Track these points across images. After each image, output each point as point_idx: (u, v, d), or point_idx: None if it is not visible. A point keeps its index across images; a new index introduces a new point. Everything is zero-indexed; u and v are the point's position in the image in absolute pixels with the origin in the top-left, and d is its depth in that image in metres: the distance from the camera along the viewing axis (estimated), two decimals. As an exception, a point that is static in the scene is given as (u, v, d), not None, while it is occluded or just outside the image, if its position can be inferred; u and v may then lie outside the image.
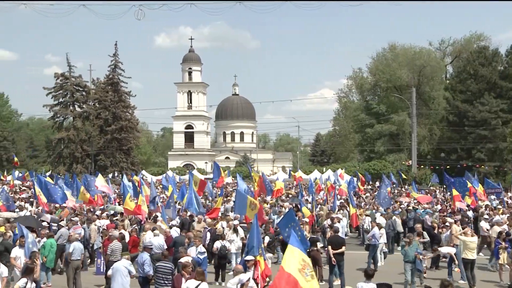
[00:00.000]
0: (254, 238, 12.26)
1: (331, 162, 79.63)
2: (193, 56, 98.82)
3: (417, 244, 15.47)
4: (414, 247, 14.75)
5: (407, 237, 15.73)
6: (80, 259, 14.75)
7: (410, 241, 14.94)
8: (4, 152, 78.91)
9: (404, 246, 14.98)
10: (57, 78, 58.66)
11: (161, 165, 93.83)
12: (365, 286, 10.76)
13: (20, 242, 13.76)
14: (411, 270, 14.49)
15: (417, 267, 14.73)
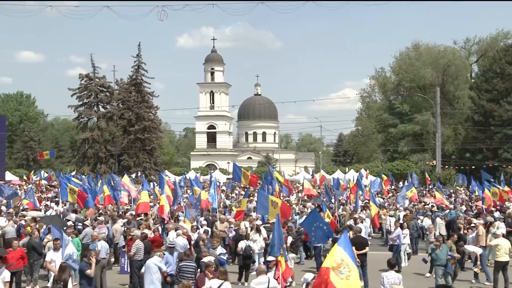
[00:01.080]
0: (275, 238, 12.24)
1: (354, 162, 79.13)
2: (215, 57, 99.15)
3: (450, 246, 15.17)
4: (445, 250, 14.46)
5: (436, 239, 15.43)
6: (106, 258, 14.91)
7: (440, 243, 14.66)
8: (30, 152, 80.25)
9: (435, 249, 14.64)
10: (81, 79, 59.42)
11: (184, 165, 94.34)
12: (389, 276, 11.09)
13: (55, 245, 13.43)
14: (443, 273, 14.22)
15: (447, 270, 14.43)
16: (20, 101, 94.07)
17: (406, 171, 50.21)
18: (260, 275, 11.26)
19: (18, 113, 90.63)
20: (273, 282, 11.13)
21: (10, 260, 13.78)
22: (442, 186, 37.36)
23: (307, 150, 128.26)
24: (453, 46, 66.23)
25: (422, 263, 15.80)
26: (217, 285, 10.75)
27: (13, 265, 13.76)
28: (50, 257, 13.28)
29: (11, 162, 77.21)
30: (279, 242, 12.23)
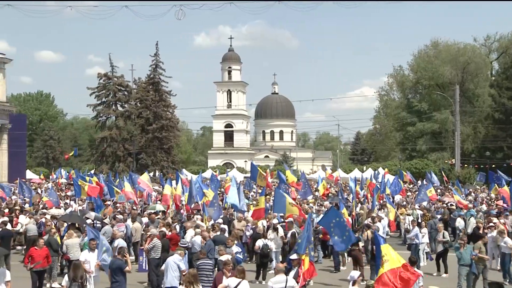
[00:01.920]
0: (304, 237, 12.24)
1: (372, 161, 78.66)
2: (232, 55, 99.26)
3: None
4: (469, 250, 14.26)
5: (460, 239, 15.25)
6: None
7: (464, 243, 14.49)
8: (50, 151, 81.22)
9: (459, 248, 14.43)
10: (100, 78, 59.88)
11: (201, 163, 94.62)
12: None
13: (91, 245, 13.28)
14: (467, 274, 14.04)
15: (472, 270, 14.23)
16: (40, 100, 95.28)
17: (424, 170, 49.77)
18: (278, 274, 11.25)
19: (38, 112, 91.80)
20: (291, 281, 11.11)
21: (37, 259, 13.93)
22: (462, 185, 36.97)
23: (325, 149, 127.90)
24: (473, 44, 65.39)
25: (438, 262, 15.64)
26: (235, 283, 10.76)
27: (39, 263, 13.93)
28: (84, 257, 13.11)
29: (31, 160, 78.24)
30: (307, 241, 12.22)
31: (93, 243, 13.20)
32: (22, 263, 18.67)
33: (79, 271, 11.77)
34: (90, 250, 13.21)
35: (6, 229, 17.30)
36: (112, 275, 12.22)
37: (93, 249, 13.12)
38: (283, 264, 12.70)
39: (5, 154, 53.15)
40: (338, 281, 16.30)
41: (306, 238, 12.18)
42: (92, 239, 13.30)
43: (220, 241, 15.60)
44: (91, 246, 13.20)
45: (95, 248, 13.13)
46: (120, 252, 12.79)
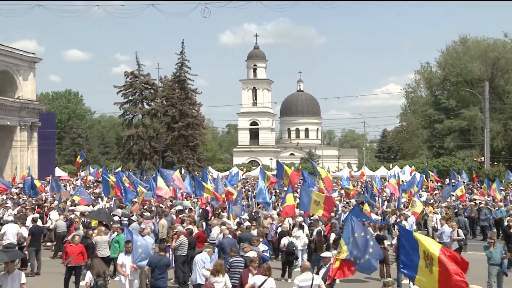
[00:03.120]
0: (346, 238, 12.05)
1: (398, 159, 77.91)
2: (258, 53, 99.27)
3: None
4: (499, 249, 14.00)
5: (490, 237, 15.00)
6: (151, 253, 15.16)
7: (494, 242, 14.25)
8: (78, 149, 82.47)
9: (489, 247, 14.15)
10: (127, 77, 60.41)
11: (226, 161, 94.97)
12: None
13: (127, 248, 12.90)
14: (497, 273, 13.80)
15: (503, 270, 13.97)
16: (69, 99, 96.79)
17: (452, 168, 49.09)
18: (304, 272, 11.21)
19: (67, 111, 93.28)
20: (317, 279, 11.07)
21: (71, 255, 14.15)
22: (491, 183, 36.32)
23: (350, 147, 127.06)
24: (504, 39, 64.06)
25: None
26: (261, 281, 10.76)
27: (73, 259, 14.12)
28: (121, 260, 12.72)
29: (60, 158, 79.53)
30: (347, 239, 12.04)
31: (128, 246, 12.80)
32: (52, 258, 19.06)
33: (100, 266, 11.92)
34: (126, 253, 12.79)
35: (36, 225, 17.61)
36: (155, 271, 12.19)
37: (129, 252, 12.73)
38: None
39: (35, 152, 54.19)
40: (365, 279, 16.20)
41: (347, 240, 11.93)
42: (128, 241, 12.89)
43: (247, 238, 15.63)
44: (127, 248, 12.81)
45: (130, 250, 12.76)
46: (163, 249, 12.95)
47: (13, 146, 52.24)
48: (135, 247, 12.50)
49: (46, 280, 16.27)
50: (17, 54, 52.44)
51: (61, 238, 19.25)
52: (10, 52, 51.49)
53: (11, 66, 51.55)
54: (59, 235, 19.29)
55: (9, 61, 51.14)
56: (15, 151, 52.34)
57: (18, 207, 22.53)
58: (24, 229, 17.35)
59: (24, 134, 52.99)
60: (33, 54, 55.84)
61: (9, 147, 51.96)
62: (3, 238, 16.72)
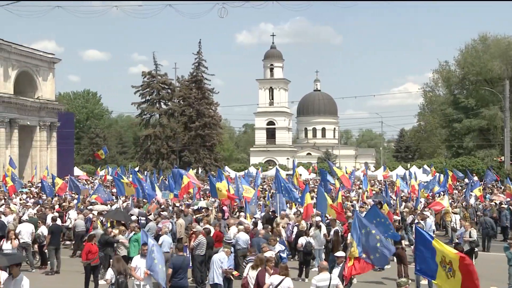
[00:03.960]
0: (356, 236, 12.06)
1: (416, 158, 77.28)
2: (274, 53, 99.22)
3: None
4: None
5: (510, 238, 14.78)
6: (169, 252, 15.21)
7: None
8: (96, 148, 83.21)
9: (509, 248, 13.98)
10: (144, 77, 60.87)
11: (243, 161, 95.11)
12: None
13: (142, 251, 12.32)
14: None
15: None
16: (87, 99, 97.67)
17: (471, 168, 48.57)
18: (322, 272, 11.17)
19: (85, 111, 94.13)
20: (335, 279, 11.02)
21: (95, 254, 14.27)
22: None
23: (368, 146, 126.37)
24: (525, 38, 63.18)
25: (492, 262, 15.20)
26: (278, 281, 10.74)
27: (96, 259, 14.25)
28: (135, 263, 12.17)
29: (79, 158, 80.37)
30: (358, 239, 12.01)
31: (144, 249, 12.24)
32: (71, 257, 19.25)
33: (121, 264, 11.99)
34: (142, 256, 12.25)
35: (56, 224, 17.80)
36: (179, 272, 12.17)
37: (145, 255, 12.20)
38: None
39: (54, 151, 54.77)
40: (382, 279, 16.10)
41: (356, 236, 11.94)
42: (145, 244, 12.34)
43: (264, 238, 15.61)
44: (143, 251, 12.28)
45: (146, 254, 12.23)
46: (181, 249, 13.00)
47: (33, 146, 52.86)
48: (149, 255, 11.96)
49: (65, 278, 16.44)
50: (37, 54, 53.06)
51: (79, 237, 19.42)
52: (30, 53, 52.12)
53: (31, 67, 52.17)
54: (78, 234, 19.47)
55: (29, 62, 51.77)
56: (34, 150, 52.96)
57: (38, 206, 22.79)
58: (44, 228, 17.54)
59: (44, 134, 53.59)
60: (52, 54, 56.42)
61: (29, 146, 52.59)
62: (18, 237, 16.91)
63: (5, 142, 47.89)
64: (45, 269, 17.35)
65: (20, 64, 50.56)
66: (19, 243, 16.80)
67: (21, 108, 50.27)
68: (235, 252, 15.05)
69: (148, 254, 11.87)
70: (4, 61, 47.98)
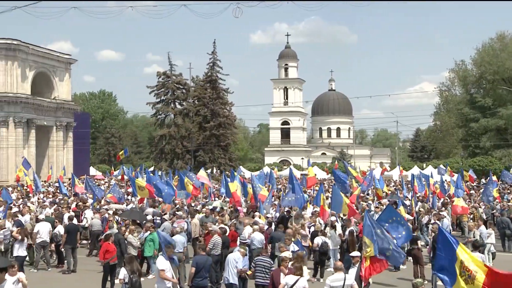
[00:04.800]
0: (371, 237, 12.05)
1: (432, 158, 76.70)
2: (289, 52, 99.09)
3: None
4: None
5: None
6: (182, 252, 15.25)
7: None
8: (112, 148, 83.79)
9: None
10: (159, 77, 61.09)
11: (258, 161, 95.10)
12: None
13: (168, 252, 12.11)
14: None
15: None
16: (103, 99, 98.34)
17: (488, 167, 48.07)
18: (336, 272, 11.14)
19: (101, 111, 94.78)
20: (349, 279, 10.97)
21: (112, 253, 14.35)
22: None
23: (383, 146, 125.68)
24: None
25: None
26: (293, 281, 10.72)
27: (114, 257, 14.33)
28: (163, 266, 11.85)
29: (94, 157, 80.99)
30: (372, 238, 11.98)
31: (169, 250, 12.10)
32: (87, 256, 19.40)
33: (134, 264, 12.03)
34: (167, 258, 12.01)
35: (72, 224, 17.95)
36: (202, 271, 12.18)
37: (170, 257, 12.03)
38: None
39: (70, 151, 55.30)
40: (397, 280, 16.00)
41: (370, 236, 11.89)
42: (169, 245, 12.22)
43: (278, 238, 15.60)
44: (168, 253, 12.09)
45: (172, 255, 12.11)
46: (204, 249, 13.02)
47: (50, 145, 53.42)
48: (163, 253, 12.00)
49: (82, 277, 16.56)
50: (53, 55, 53.59)
51: (95, 237, 19.58)
52: (47, 54, 52.67)
53: (48, 68, 52.72)
54: (94, 234, 19.61)
55: (46, 63, 52.32)
56: (51, 150, 53.51)
57: (55, 206, 23.00)
58: (61, 227, 17.69)
59: (60, 134, 54.12)
60: (68, 55, 56.96)
61: (46, 146, 53.15)
62: (37, 236, 17.09)
63: (23, 142, 48.44)
64: (62, 268, 17.52)
65: (37, 65, 51.11)
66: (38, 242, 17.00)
67: (38, 109, 50.82)
68: (250, 252, 15.05)
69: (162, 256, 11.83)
70: (21, 62, 48.54)
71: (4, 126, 47.45)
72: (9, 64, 47.45)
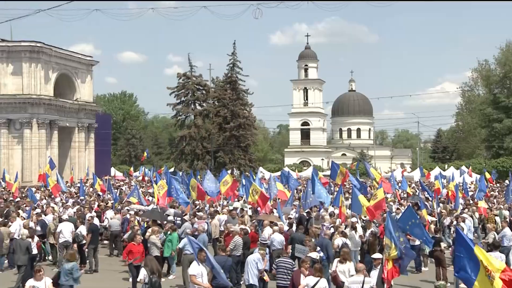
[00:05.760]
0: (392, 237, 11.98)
1: (454, 159, 75.81)
2: (309, 53, 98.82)
3: None
4: None
5: None
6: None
7: None
8: (132, 149, 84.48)
9: None
10: (179, 78, 61.39)
11: (278, 162, 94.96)
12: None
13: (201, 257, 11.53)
14: None
15: None
16: (124, 100, 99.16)
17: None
18: (356, 274, 11.07)
19: (122, 112, 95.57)
20: (368, 282, 10.90)
21: (136, 254, 14.38)
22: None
23: (404, 147, 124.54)
24: None
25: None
26: (313, 282, 10.69)
27: (138, 259, 14.28)
28: (195, 271, 11.39)
29: (115, 158, 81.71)
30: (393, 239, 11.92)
31: (202, 255, 11.54)
32: (109, 256, 19.60)
33: (155, 263, 12.09)
34: (200, 262, 11.54)
35: (94, 224, 18.14)
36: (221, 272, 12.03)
37: (203, 261, 11.54)
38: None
39: (92, 152, 55.90)
40: (419, 282, 15.85)
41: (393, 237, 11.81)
42: (201, 250, 11.64)
43: (298, 239, 15.56)
44: (201, 258, 11.59)
45: (204, 259, 11.55)
46: (224, 249, 13.06)
47: (72, 146, 54.06)
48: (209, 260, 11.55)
49: (104, 277, 16.73)
50: (75, 57, 54.26)
51: (114, 237, 19.76)
52: (70, 56, 53.33)
53: (70, 69, 53.38)
54: (112, 234, 19.80)
55: (68, 65, 52.99)
56: (73, 151, 54.14)
57: (77, 206, 23.26)
58: (83, 227, 17.85)
59: (82, 135, 54.74)
60: (90, 57, 57.60)
61: (68, 147, 53.80)
62: (59, 236, 17.29)
63: (46, 143, 49.11)
64: (84, 268, 17.70)
65: (60, 67, 51.79)
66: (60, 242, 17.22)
67: (60, 110, 51.48)
68: (270, 253, 15.04)
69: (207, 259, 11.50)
70: (45, 64, 49.24)
71: (28, 128, 48.16)
72: (33, 66, 48.16)
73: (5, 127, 48.30)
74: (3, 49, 48.19)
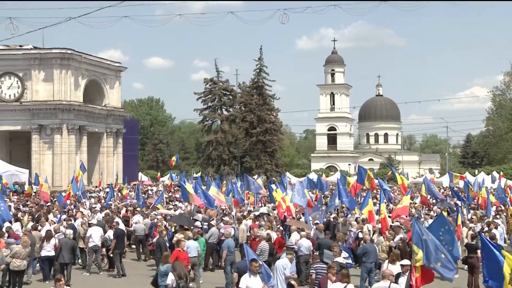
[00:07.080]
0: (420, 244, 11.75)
1: (484, 164, 74.42)
2: (335, 58, 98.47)
3: None
4: None
5: None
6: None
7: None
8: (160, 154, 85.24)
9: None
10: (206, 83, 61.78)
11: (304, 167, 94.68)
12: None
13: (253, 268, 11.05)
14: None
15: None
16: (151, 106, 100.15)
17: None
18: (383, 280, 10.93)
19: (149, 117, 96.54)
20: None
21: (182, 261, 14.44)
22: None
23: (432, 152, 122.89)
24: None
25: None
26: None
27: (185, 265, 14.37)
28: (246, 284, 10.90)
29: (143, 163, 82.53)
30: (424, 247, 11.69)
31: (255, 265, 10.95)
32: (136, 261, 19.77)
33: (182, 269, 12.13)
34: (252, 274, 10.92)
35: (119, 229, 18.30)
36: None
37: (255, 272, 10.88)
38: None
39: (120, 157, 56.55)
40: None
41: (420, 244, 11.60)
42: (255, 261, 11.10)
43: (325, 244, 15.45)
44: (253, 269, 10.93)
45: (257, 271, 10.89)
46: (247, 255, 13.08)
47: (100, 152, 54.78)
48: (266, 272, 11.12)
49: (131, 281, 16.87)
50: (104, 63, 55.07)
51: (138, 241, 19.93)
52: (98, 62, 54.16)
53: (99, 75, 54.19)
54: (137, 238, 19.97)
55: (97, 71, 53.82)
56: (102, 156, 54.85)
57: (106, 211, 23.53)
58: (111, 232, 18.03)
59: (110, 140, 55.44)
60: (118, 63, 58.38)
61: (97, 152, 54.53)
62: (89, 240, 17.51)
63: (75, 148, 49.89)
64: (112, 272, 17.89)
65: (89, 73, 52.62)
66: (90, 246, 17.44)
67: (89, 116, 52.24)
68: (297, 258, 14.97)
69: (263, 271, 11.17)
70: (75, 71, 50.07)
71: (58, 133, 48.97)
72: (63, 73, 49.01)
73: (37, 132, 49.21)
74: (36, 56, 49.18)
